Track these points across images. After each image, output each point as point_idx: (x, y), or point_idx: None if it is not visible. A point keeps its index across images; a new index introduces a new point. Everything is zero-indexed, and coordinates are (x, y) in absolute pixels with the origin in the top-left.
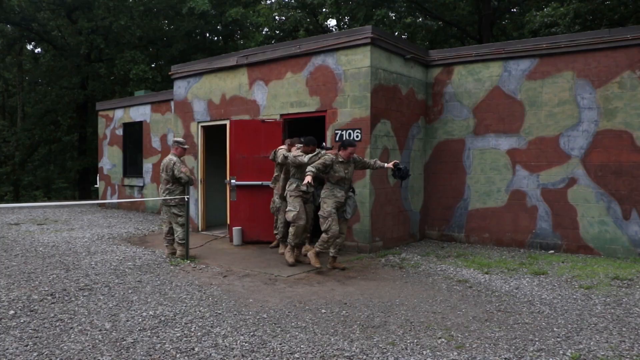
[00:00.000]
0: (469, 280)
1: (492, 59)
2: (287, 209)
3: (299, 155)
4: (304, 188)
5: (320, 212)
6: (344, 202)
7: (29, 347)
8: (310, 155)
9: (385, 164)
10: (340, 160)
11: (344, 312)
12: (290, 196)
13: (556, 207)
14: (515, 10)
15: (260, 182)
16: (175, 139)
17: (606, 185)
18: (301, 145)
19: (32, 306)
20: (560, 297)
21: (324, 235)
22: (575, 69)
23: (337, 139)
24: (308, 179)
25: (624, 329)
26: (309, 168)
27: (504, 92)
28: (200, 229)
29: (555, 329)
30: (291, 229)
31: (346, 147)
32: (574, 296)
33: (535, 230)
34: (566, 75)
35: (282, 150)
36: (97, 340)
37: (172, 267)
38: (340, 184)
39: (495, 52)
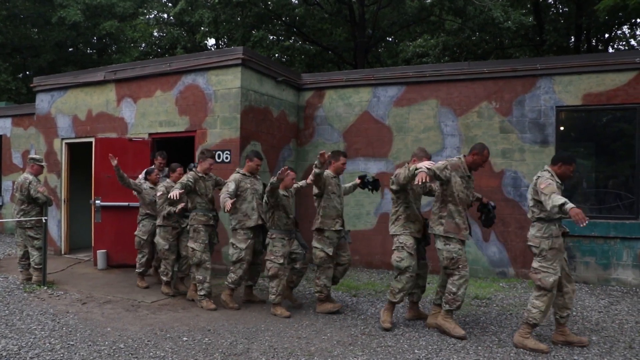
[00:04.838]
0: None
1: (362, 84)
2: (398, 258)
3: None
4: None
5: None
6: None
7: None
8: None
9: (483, 197)
10: (461, 174)
11: (207, 339)
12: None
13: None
14: (390, 39)
15: (127, 203)
16: (31, 155)
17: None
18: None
19: None
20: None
21: None
22: (439, 97)
23: None
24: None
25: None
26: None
27: (373, 117)
28: (63, 252)
29: (416, 351)
30: (399, 282)
31: (483, 153)
32: None
33: None
34: (431, 103)
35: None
36: None
37: (25, 295)
38: (465, 209)
39: (365, 78)
